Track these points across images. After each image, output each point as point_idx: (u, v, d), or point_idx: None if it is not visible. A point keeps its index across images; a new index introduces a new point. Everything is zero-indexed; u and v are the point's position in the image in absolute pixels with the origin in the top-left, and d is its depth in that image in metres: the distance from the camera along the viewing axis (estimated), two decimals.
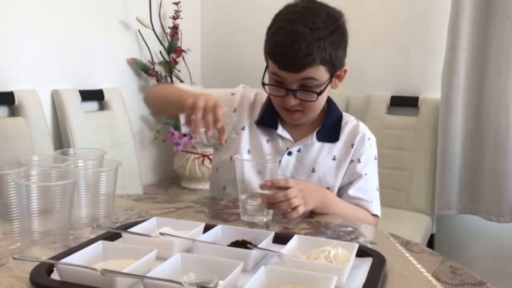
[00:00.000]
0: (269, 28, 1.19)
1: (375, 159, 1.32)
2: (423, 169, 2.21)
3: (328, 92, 1.24)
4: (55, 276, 0.76)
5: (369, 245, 0.93)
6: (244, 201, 1.11)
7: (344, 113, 1.33)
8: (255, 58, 1.52)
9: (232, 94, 1.35)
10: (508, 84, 2.00)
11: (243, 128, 1.31)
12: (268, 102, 1.31)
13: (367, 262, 0.83)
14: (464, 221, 2.29)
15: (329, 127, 1.29)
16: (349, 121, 1.31)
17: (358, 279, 0.78)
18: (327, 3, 1.20)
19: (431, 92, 2.27)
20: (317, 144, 1.28)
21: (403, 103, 2.32)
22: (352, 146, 1.28)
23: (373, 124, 2.28)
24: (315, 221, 1.11)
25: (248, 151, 1.28)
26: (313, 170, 1.27)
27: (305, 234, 1.01)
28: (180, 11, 2.45)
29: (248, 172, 1.10)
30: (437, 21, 2.22)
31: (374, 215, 1.27)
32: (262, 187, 1.08)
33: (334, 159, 1.27)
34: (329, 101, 1.31)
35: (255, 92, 1.36)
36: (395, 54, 2.36)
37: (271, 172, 1.10)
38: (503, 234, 2.19)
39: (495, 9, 2.00)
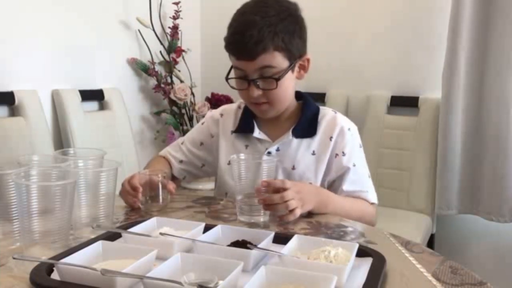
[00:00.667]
0: (228, 25, 1.24)
1: (360, 147, 1.31)
2: (423, 169, 2.20)
3: (292, 81, 1.25)
4: (55, 276, 0.76)
5: (369, 245, 0.93)
6: (240, 201, 1.11)
7: (322, 107, 1.33)
8: None
9: (202, 123, 1.43)
10: (508, 84, 2.00)
11: (218, 144, 1.35)
12: (243, 111, 1.35)
13: (367, 262, 0.83)
14: (464, 221, 2.28)
15: (305, 122, 1.29)
16: (327, 114, 1.31)
17: (358, 279, 0.78)
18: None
19: (431, 92, 2.27)
20: (295, 141, 1.28)
21: (403, 103, 2.32)
22: (330, 139, 1.27)
23: (373, 124, 2.30)
24: (315, 221, 1.11)
25: (229, 162, 1.27)
26: (293, 168, 1.27)
27: (305, 234, 1.01)
28: (180, 11, 2.45)
29: (244, 172, 1.10)
30: (437, 21, 2.22)
31: (372, 204, 1.28)
32: (258, 188, 1.07)
33: (313, 154, 1.27)
34: (304, 97, 1.33)
35: (221, 108, 1.42)
36: (395, 54, 2.36)
37: (268, 172, 1.10)
38: (503, 234, 2.19)
39: (495, 9, 2.00)
